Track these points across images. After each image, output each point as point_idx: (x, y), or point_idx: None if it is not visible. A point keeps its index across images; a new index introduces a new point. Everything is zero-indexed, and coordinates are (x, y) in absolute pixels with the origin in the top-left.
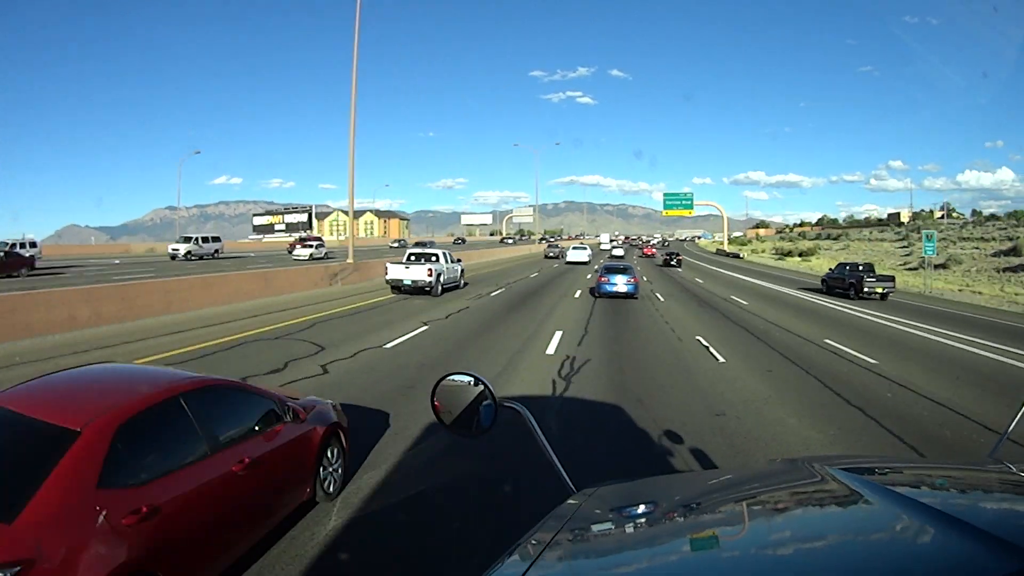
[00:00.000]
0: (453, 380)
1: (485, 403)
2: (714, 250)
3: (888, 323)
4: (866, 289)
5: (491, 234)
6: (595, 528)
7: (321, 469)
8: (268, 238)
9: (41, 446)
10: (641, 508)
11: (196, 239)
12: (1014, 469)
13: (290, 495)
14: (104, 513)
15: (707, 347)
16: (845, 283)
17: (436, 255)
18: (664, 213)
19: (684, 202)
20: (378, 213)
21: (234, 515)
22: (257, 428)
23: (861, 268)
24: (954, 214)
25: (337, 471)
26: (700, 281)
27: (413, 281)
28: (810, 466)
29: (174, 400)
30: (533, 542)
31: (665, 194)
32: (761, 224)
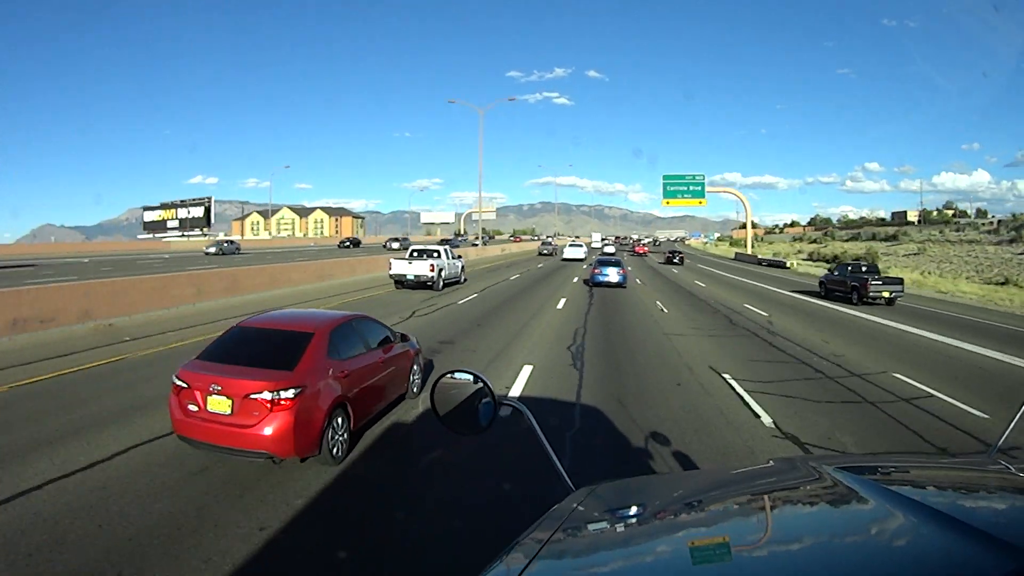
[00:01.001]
0: (452, 378)
1: (484, 401)
2: (732, 255)
3: None
4: (871, 293)
5: (455, 234)
6: (592, 527)
7: (411, 376)
8: (162, 237)
9: (296, 340)
10: (638, 507)
11: None
12: (1012, 469)
13: (399, 387)
14: (330, 370)
15: None
16: (847, 286)
17: (438, 251)
18: (665, 203)
19: (693, 188)
20: (328, 211)
21: (377, 386)
22: (384, 343)
23: (865, 269)
24: (969, 215)
25: (418, 378)
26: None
27: (416, 276)
28: (809, 465)
29: (349, 322)
30: (530, 541)
31: (665, 177)
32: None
